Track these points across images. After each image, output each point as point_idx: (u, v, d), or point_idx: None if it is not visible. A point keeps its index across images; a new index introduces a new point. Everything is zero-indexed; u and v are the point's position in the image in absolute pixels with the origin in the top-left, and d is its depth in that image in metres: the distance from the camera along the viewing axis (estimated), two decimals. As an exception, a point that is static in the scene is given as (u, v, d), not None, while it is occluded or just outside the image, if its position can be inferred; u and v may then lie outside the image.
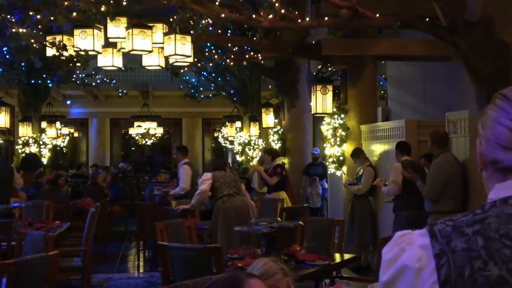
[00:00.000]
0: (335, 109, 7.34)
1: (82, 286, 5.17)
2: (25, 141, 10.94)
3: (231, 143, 13.10)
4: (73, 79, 11.18)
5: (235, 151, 12.77)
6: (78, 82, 11.55)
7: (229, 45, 7.94)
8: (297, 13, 5.23)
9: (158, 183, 10.59)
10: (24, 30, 5.32)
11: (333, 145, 7.25)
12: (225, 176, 5.59)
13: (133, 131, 15.29)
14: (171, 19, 5.53)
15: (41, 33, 5.62)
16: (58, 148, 13.50)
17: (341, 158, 7.20)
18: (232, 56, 8.06)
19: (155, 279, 6.19)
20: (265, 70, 9.73)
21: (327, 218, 7.18)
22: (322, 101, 7.34)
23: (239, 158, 12.48)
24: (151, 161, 17.45)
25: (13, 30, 5.39)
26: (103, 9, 5.15)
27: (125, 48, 5.62)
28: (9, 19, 5.43)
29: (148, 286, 6.09)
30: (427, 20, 4.74)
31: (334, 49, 6.86)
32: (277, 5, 5.06)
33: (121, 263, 7.43)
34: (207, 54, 8.37)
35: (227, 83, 12.24)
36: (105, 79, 11.84)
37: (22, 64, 9.80)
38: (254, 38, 6.72)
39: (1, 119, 9.09)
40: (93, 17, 5.20)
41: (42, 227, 5.47)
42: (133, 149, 18.26)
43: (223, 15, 5.17)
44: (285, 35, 7.77)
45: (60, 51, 5.70)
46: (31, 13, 5.43)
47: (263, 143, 11.09)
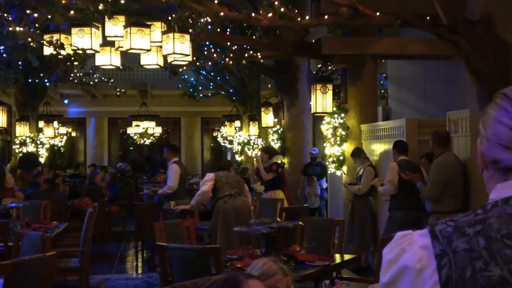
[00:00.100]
0: (335, 108, 7.32)
1: (80, 287, 5.14)
2: (22, 141, 10.89)
3: (230, 142, 13.07)
4: (70, 78, 11.14)
5: (234, 150, 12.73)
6: (75, 81, 11.50)
7: (228, 43, 7.90)
8: (296, 11, 5.21)
9: (150, 183, 10.58)
10: (21, 29, 5.28)
11: (333, 145, 7.22)
12: (227, 176, 5.56)
13: (131, 130, 15.24)
14: (169, 18, 5.50)
15: (38, 31, 5.58)
16: (55, 148, 13.46)
17: (341, 157, 7.18)
18: (231, 55, 8.03)
19: (153, 280, 6.16)
20: (265, 69, 9.70)
21: (327, 218, 7.15)
22: (322, 100, 7.31)
23: (238, 158, 12.45)
24: (149, 160, 17.41)
25: (10, 29, 5.35)
26: (101, 7, 5.11)
27: (123, 47, 5.58)
28: (6, 17, 5.39)
29: (147, 287, 6.06)
30: (427, 18, 4.73)
31: (334, 47, 6.83)
32: (276, 3, 5.03)
33: (119, 263, 7.39)
34: (206, 53, 8.33)
35: (226, 82, 12.20)
36: (103, 78, 11.79)
37: (19, 63, 9.76)
38: (254, 37, 6.68)
39: (-2, 118, 9.04)
40: (91, 15, 5.16)
41: (39, 227, 5.44)
42: (131, 148, 18.22)
43: (222, 13, 5.14)
44: (284, 33, 7.74)
45: (58, 50, 5.67)
46: (28, 11, 5.39)
47: (262, 142, 11.05)
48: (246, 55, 7.99)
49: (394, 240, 0.90)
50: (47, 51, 5.87)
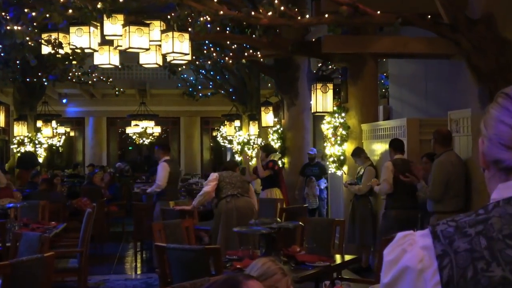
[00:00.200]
0: (335, 108, 7.29)
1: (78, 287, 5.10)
2: (20, 141, 10.85)
3: (230, 142, 13.04)
4: (69, 78, 11.08)
5: (234, 150, 12.70)
6: (74, 80, 11.44)
7: (227, 42, 7.87)
8: (296, 10, 5.18)
9: (141, 182, 10.57)
10: (19, 28, 5.24)
11: (333, 144, 7.20)
12: (231, 177, 5.52)
13: (130, 130, 15.21)
14: (168, 17, 5.47)
15: (36, 30, 5.54)
16: (54, 148, 13.42)
17: (342, 157, 7.15)
18: (231, 54, 8.00)
19: (152, 280, 6.13)
20: (265, 68, 9.67)
21: (327, 219, 7.12)
22: (322, 99, 7.29)
23: (238, 158, 12.41)
24: (148, 160, 17.37)
25: (8, 28, 5.31)
26: (99, 6, 5.08)
27: (122, 46, 5.55)
28: (3, 16, 5.35)
29: (146, 287, 6.03)
30: (428, 17, 4.71)
31: (334, 46, 6.79)
32: (276, 2, 5.00)
33: (118, 264, 7.37)
34: (205, 52, 8.30)
35: (226, 81, 12.16)
36: (101, 77, 11.74)
37: (17, 62, 9.71)
38: (253, 36, 6.65)
39: (-4, 118, 9.01)
40: (89, 14, 5.12)
41: (37, 227, 5.41)
42: (130, 148, 18.20)
43: (221, 12, 5.11)
44: (284, 32, 7.71)
45: (56, 49, 5.63)
46: (26, 10, 5.36)
47: (262, 142, 11.03)
48: (246, 54, 7.96)
49: (395, 241, 0.89)
50: (45, 50, 5.84)
